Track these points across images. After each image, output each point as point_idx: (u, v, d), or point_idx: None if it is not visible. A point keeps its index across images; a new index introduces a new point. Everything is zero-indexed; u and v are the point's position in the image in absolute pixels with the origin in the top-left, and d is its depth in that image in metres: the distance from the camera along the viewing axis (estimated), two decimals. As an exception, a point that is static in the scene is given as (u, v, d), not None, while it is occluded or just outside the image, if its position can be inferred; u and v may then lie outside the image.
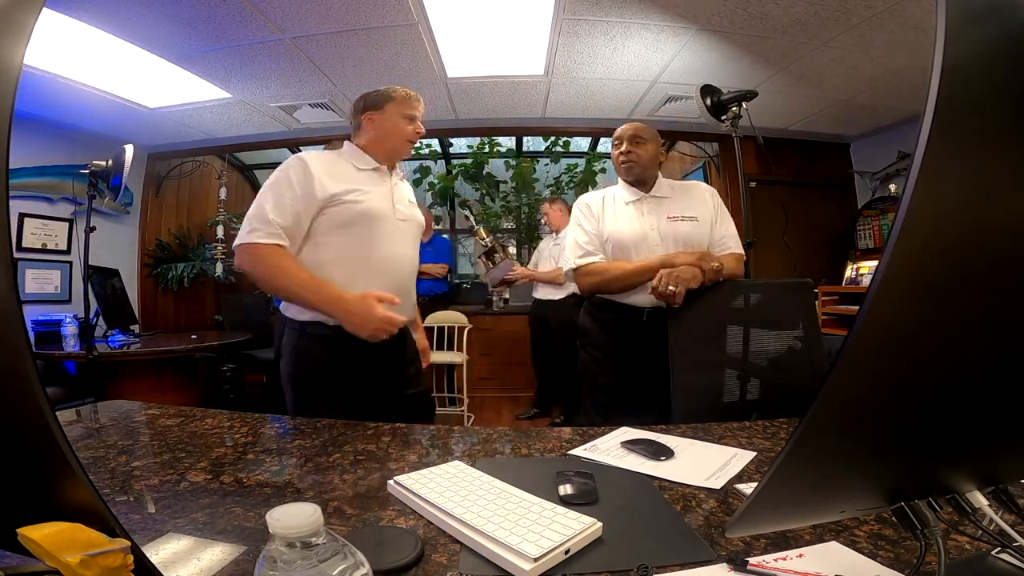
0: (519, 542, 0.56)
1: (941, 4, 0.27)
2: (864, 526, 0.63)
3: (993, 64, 0.29)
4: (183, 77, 3.24)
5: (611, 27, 2.78)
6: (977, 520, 0.43)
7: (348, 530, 0.64)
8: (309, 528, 0.39)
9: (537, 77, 3.43)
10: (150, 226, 4.71)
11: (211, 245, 4.80)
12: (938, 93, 0.27)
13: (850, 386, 0.32)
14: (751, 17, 2.62)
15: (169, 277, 4.58)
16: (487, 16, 2.71)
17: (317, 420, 1.17)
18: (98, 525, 0.36)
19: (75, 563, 0.33)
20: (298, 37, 2.84)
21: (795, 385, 1.43)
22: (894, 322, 0.30)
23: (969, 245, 0.30)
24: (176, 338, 3.56)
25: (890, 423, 0.36)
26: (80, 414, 1.23)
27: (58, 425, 0.34)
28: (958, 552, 0.57)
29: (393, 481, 0.75)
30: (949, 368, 0.34)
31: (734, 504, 0.72)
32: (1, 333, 0.33)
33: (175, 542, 0.61)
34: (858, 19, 2.58)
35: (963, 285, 0.31)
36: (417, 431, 1.07)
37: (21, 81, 0.34)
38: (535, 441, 1.01)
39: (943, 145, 0.27)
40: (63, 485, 0.37)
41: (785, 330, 1.46)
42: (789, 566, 0.54)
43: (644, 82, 3.47)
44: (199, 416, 1.18)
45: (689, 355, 1.42)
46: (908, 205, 0.27)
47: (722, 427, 1.09)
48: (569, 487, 0.75)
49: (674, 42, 2.92)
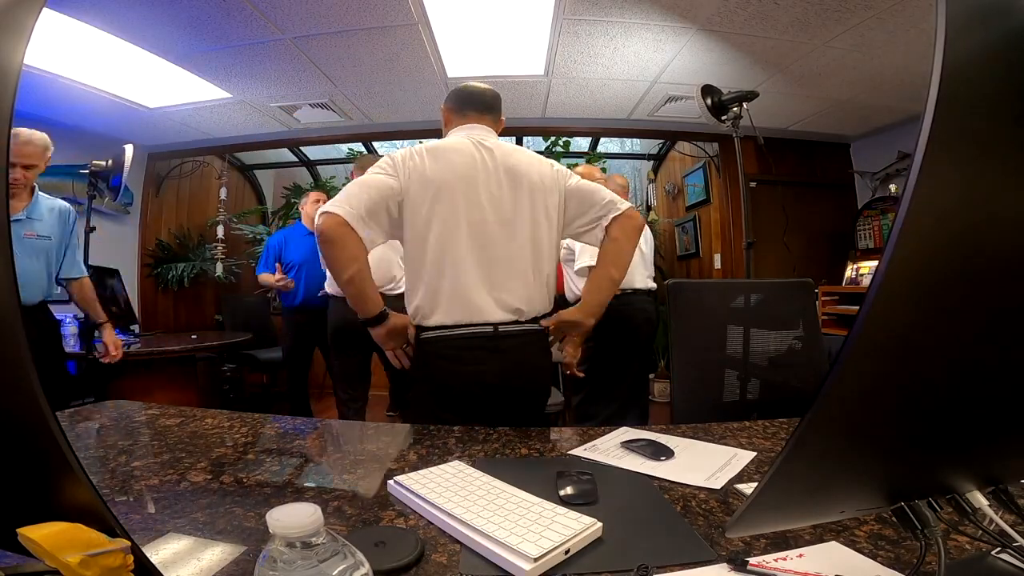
0: (519, 542, 0.56)
1: (941, 4, 0.27)
2: (864, 526, 0.63)
3: (993, 64, 0.29)
4: (183, 77, 3.24)
5: (611, 27, 2.78)
6: (977, 520, 0.43)
7: (348, 530, 0.64)
8: (309, 528, 0.39)
9: (537, 77, 3.43)
10: (150, 226, 4.70)
11: (211, 245, 4.80)
12: (938, 93, 0.27)
13: (850, 386, 0.32)
14: (751, 17, 2.62)
15: (169, 277, 4.58)
16: (487, 16, 2.71)
17: (317, 420, 1.17)
18: (98, 525, 0.36)
19: (75, 563, 0.33)
20: (298, 37, 2.84)
21: (795, 385, 1.43)
22: (894, 322, 0.30)
23: (969, 245, 0.30)
24: (176, 338, 3.56)
25: (890, 423, 0.36)
26: (80, 414, 1.23)
27: (58, 425, 0.34)
28: (958, 552, 0.57)
29: (393, 481, 0.75)
30: (949, 368, 0.34)
31: (734, 504, 0.72)
32: (1, 333, 0.33)
33: (175, 542, 0.61)
34: (858, 19, 2.58)
35: (963, 285, 0.31)
36: (417, 431, 1.07)
37: (21, 81, 0.34)
38: (535, 441, 1.01)
39: (943, 145, 0.27)
40: (63, 485, 0.37)
41: (785, 330, 1.46)
42: (789, 566, 0.54)
43: (644, 82, 3.47)
44: (199, 416, 1.18)
45: (689, 355, 1.42)
46: (908, 205, 0.27)
47: (722, 427, 1.09)
48: (569, 487, 0.75)
49: (674, 42, 2.92)
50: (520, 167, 1.28)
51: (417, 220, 1.20)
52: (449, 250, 1.20)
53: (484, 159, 1.26)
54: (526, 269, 1.26)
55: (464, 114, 1.36)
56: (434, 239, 1.20)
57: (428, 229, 1.20)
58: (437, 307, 1.20)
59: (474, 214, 1.22)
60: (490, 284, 1.21)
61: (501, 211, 1.24)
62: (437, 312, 1.21)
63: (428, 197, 1.20)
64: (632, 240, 1.30)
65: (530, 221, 1.27)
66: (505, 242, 1.24)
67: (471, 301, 1.20)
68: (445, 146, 1.26)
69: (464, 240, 1.20)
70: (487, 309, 1.20)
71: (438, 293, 1.20)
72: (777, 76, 3.28)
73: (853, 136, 4.45)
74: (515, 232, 1.25)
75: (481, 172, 1.24)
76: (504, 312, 1.22)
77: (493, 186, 1.25)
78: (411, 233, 1.22)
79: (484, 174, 1.25)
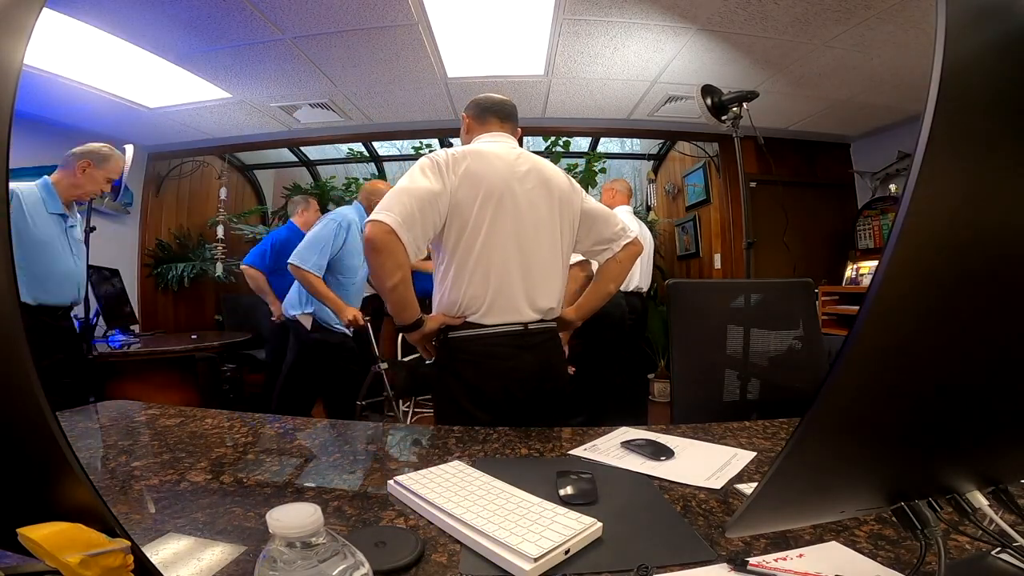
0: (519, 542, 0.56)
1: (941, 4, 0.27)
2: (864, 526, 0.63)
3: (993, 64, 0.29)
4: (183, 77, 3.24)
5: (611, 27, 2.78)
6: (977, 520, 0.43)
7: (348, 530, 0.64)
8: (309, 528, 0.39)
9: (537, 77, 3.43)
10: (150, 226, 4.70)
11: (211, 245, 4.79)
12: (938, 93, 0.27)
13: (850, 386, 0.32)
14: (751, 17, 2.62)
15: (169, 277, 4.58)
16: (487, 16, 2.71)
17: (317, 420, 1.17)
18: (98, 525, 0.36)
19: (75, 563, 0.33)
20: (298, 37, 2.84)
21: (795, 385, 1.43)
22: (894, 322, 0.30)
23: (969, 245, 0.30)
24: (176, 338, 3.56)
25: (890, 423, 0.36)
26: (80, 414, 1.23)
27: (58, 425, 0.34)
28: (958, 552, 0.57)
29: (393, 481, 0.75)
30: (949, 368, 0.34)
31: (734, 504, 0.72)
32: (1, 333, 0.33)
33: (175, 542, 0.61)
34: (858, 19, 2.58)
35: (963, 285, 0.31)
36: (417, 431, 1.07)
37: (21, 81, 0.34)
38: (535, 441, 1.01)
39: (943, 145, 0.27)
40: (63, 485, 0.37)
41: (785, 330, 1.46)
42: (789, 566, 0.54)
43: (644, 82, 3.47)
44: (199, 416, 1.18)
45: (689, 355, 1.42)
46: (908, 205, 0.27)
47: (722, 427, 1.09)
48: (569, 487, 0.75)
49: (674, 42, 2.92)
50: (550, 177, 1.36)
51: (464, 223, 1.23)
52: (496, 253, 1.25)
53: (520, 164, 1.32)
54: (555, 272, 1.35)
55: (485, 121, 1.41)
56: (481, 244, 1.24)
57: (476, 233, 1.24)
58: (480, 307, 1.25)
59: (516, 218, 1.27)
60: (527, 286, 1.28)
61: (537, 216, 1.31)
62: (479, 312, 1.25)
63: (476, 200, 1.23)
64: (632, 263, 1.48)
65: (558, 228, 1.35)
66: (539, 246, 1.31)
67: (511, 302, 1.26)
68: (486, 151, 1.30)
69: (508, 244, 1.26)
70: (523, 310, 1.27)
71: (483, 295, 1.24)
72: (777, 76, 3.28)
73: (853, 136, 4.45)
74: (547, 237, 1.33)
75: (520, 177, 1.30)
76: (534, 312, 1.29)
77: (531, 192, 1.31)
78: (455, 235, 1.24)
79: (522, 179, 1.30)
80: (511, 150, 1.35)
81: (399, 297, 1.20)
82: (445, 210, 1.22)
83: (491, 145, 1.34)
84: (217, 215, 4.86)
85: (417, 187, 1.19)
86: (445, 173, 1.22)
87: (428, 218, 1.19)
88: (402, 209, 1.15)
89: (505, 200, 1.25)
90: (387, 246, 1.13)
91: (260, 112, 3.92)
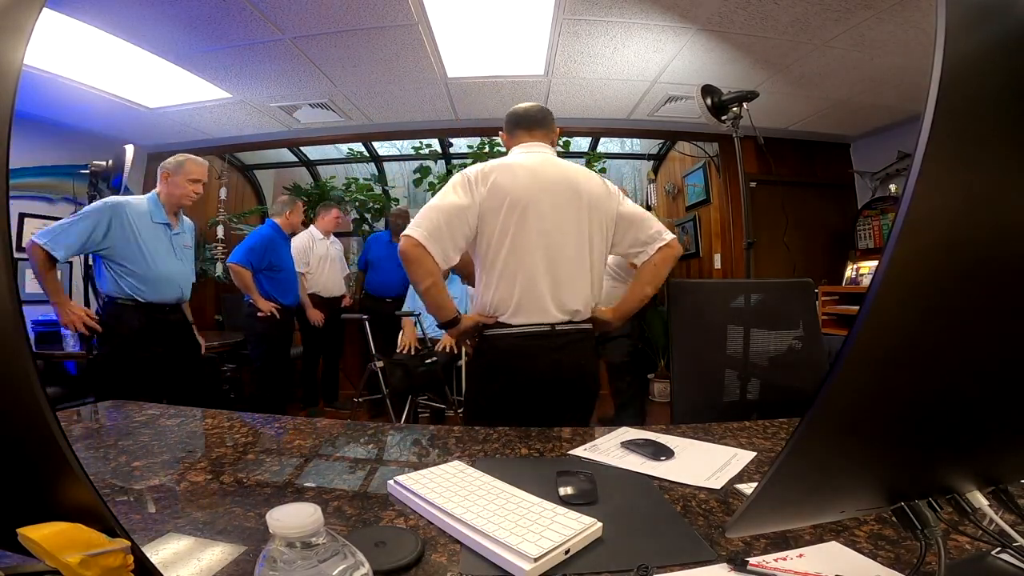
0: (519, 542, 0.56)
1: (941, 4, 0.27)
2: (864, 526, 0.63)
3: (993, 65, 0.29)
4: (183, 77, 3.24)
5: (611, 27, 2.78)
6: (977, 520, 0.43)
7: (348, 530, 0.64)
8: (309, 528, 0.39)
9: (537, 77, 3.43)
10: (150, 226, 4.70)
11: (211, 245, 4.79)
12: (938, 93, 0.27)
13: (850, 386, 0.32)
14: (751, 17, 2.62)
15: (169, 277, 4.57)
16: (487, 16, 2.71)
17: (317, 420, 1.17)
18: (98, 525, 0.36)
19: (75, 563, 0.33)
20: (298, 37, 2.83)
21: (795, 385, 1.43)
22: (894, 322, 0.30)
23: (969, 245, 0.30)
24: (176, 338, 3.54)
25: (890, 423, 0.36)
26: (80, 414, 1.23)
27: (58, 425, 0.34)
28: (958, 552, 0.57)
29: (393, 481, 0.75)
30: (949, 368, 0.34)
31: (734, 504, 0.72)
32: (1, 333, 0.33)
33: (175, 542, 0.61)
34: (858, 19, 2.58)
35: (963, 285, 0.31)
36: (417, 431, 1.07)
37: (21, 81, 0.34)
38: (535, 441, 1.01)
39: (943, 145, 0.27)
40: (63, 485, 0.37)
41: (785, 330, 1.46)
42: (789, 566, 0.54)
43: (644, 82, 3.47)
44: (199, 416, 1.18)
45: (689, 355, 1.42)
46: (908, 205, 0.27)
47: (722, 427, 1.09)
48: (569, 487, 0.75)
49: (674, 42, 2.91)
50: (580, 182, 1.41)
51: (492, 231, 1.33)
52: (523, 258, 1.33)
53: (547, 173, 1.38)
54: (584, 275, 1.40)
55: (515, 135, 1.50)
56: (507, 250, 1.33)
57: (503, 239, 1.33)
58: (508, 308, 1.34)
59: (542, 224, 1.33)
60: (554, 288, 1.34)
61: (564, 221, 1.36)
62: (507, 312, 1.34)
63: (502, 210, 1.32)
64: (669, 267, 1.48)
65: (587, 232, 1.40)
66: (567, 250, 1.36)
67: (538, 303, 1.33)
68: (513, 163, 1.39)
69: (534, 249, 1.33)
70: (550, 311, 1.34)
71: (510, 296, 1.34)
72: (777, 76, 3.28)
73: (853, 136, 4.45)
74: (575, 241, 1.38)
75: (546, 184, 1.36)
76: (561, 313, 1.36)
77: (557, 198, 1.36)
78: (485, 242, 1.35)
79: (549, 186, 1.36)
80: (540, 159, 1.42)
81: (432, 298, 1.33)
82: (475, 221, 1.33)
83: (520, 157, 1.43)
84: (217, 215, 4.86)
85: (445, 203, 1.31)
86: (474, 188, 1.33)
87: (457, 229, 1.31)
88: (429, 224, 1.28)
89: (529, 208, 1.32)
90: (416, 257, 1.27)
91: (260, 112, 3.92)
